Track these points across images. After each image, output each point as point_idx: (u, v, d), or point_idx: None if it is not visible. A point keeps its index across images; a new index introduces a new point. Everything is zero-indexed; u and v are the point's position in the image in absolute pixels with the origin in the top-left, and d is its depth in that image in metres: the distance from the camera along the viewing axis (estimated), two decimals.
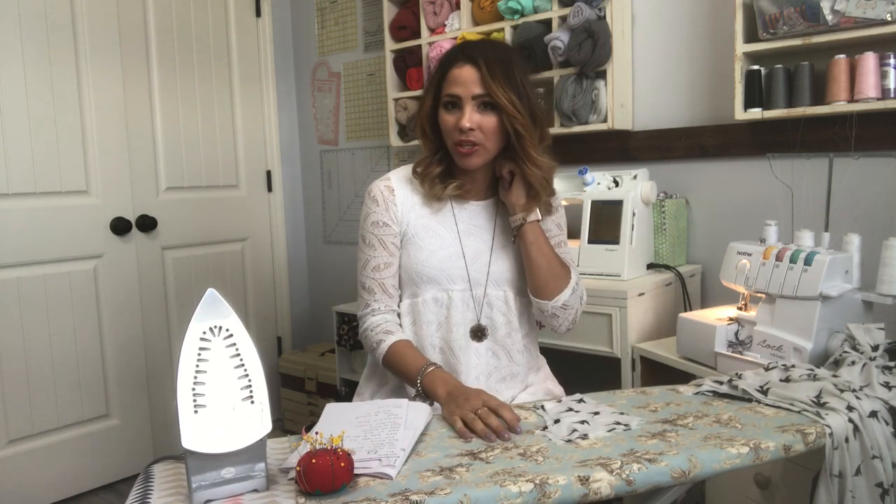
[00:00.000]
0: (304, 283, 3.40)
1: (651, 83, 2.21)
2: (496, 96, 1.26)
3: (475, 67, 1.27)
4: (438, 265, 1.35)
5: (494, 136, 1.30)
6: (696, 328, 1.61)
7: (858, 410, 1.10)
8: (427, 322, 1.37)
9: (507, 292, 1.39)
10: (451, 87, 1.29)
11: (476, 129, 1.27)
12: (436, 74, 1.34)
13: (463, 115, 1.27)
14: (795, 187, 1.79)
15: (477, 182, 1.40)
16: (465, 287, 1.37)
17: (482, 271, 1.38)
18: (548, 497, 0.89)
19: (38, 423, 2.42)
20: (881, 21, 1.60)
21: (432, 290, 1.36)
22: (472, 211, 1.41)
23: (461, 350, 1.36)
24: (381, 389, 1.44)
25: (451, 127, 1.29)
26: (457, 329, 1.36)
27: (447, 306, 1.36)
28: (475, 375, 1.36)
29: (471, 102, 1.27)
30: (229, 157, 3.01)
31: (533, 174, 1.32)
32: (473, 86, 1.27)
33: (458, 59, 1.30)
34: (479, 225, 1.40)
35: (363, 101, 3.05)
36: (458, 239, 1.38)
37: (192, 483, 0.89)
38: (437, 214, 1.39)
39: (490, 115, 1.28)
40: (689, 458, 0.96)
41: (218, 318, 0.92)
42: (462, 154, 1.30)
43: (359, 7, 3.02)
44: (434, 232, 1.38)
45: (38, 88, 2.37)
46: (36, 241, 2.39)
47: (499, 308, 1.38)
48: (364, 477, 0.93)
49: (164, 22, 2.73)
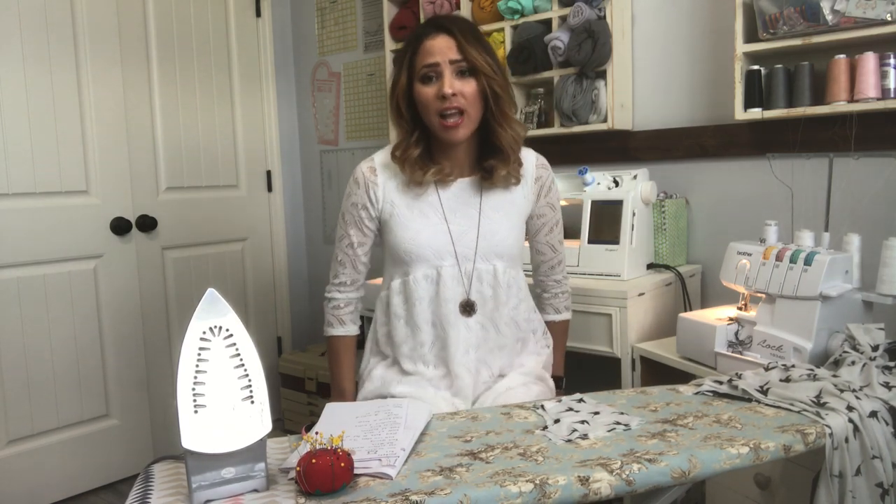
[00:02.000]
0: (304, 283, 3.40)
1: (651, 83, 2.21)
2: (473, 59, 1.29)
3: (449, 35, 1.31)
4: (425, 242, 1.38)
5: (475, 101, 1.32)
6: (696, 328, 1.61)
7: (858, 410, 1.10)
8: (419, 299, 1.39)
9: (496, 266, 1.41)
10: (427, 58, 1.31)
11: (458, 94, 1.29)
12: (406, 51, 1.36)
13: (444, 83, 1.29)
14: (795, 187, 1.79)
15: (459, 161, 1.41)
16: (453, 262, 1.39)
17: (470, 246, 1.40)
18: (548, 497, 0.89)
19: (38, 423, 2.42)
20: (881, 21, 1.60)
21: (422, 267, 1.39)
22: (456, 189, 1.42)
23: (451, 325, 1.38)
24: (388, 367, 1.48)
25: (432, 98, 1.31)
26: (446, 304, 1.38)
27: (436, 282, 1.39)
28: (464, 349, 1.39)
29: (449, 68, 1.30)
30: (229, 157, 3.01)
31: (505, 136, 1.36)
32: (450, 52, 1.30)
33: (429, 31, 1.33)
34: (465, 201, 1.42)
35: (363, 101, 3.05)
36: (443, 217, 1.40)
37: (192, 483, 0.89)
38: (422, 194, 1.41)
39: (469, 80, 1.31)
40: (689, 458, 0.96)
41: (218, 317, 0.92)
42: (447, 127, 1.31)
43: (359, 7, 3.02)
44: (419, 211, 1.40)
45: (38, 88, 2.37)
46: (36, 241, 2.39)
47: (488, 282, 1.40)
48: (364, 477, 0.93)
49: (164, 22, 2.73)
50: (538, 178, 1.48)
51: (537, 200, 1.48)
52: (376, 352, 1.52)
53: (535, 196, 1.48)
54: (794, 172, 1.82)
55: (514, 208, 1.45)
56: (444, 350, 1.39)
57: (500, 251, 1.41)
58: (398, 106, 1.38)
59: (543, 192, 1.49)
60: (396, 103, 1.38)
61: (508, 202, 1.44)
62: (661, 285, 1.97)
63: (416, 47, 1.33)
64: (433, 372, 1.40)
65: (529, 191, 1.47)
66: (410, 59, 1.34)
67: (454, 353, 1.38)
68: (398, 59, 1.39)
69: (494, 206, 1.42)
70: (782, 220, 1.67)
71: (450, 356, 1.38)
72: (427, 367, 1.41)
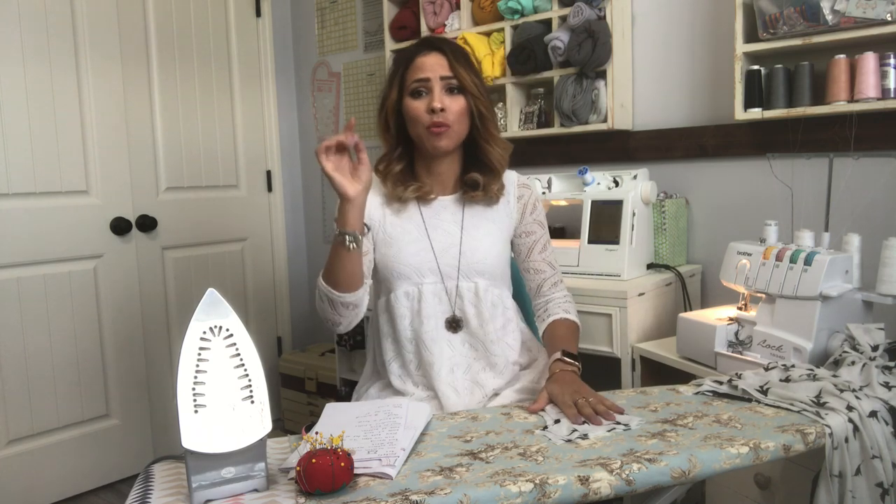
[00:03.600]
0: (304, 283, 3.40)
1: (651, 83, 2.21)
2: (462, 78, 1.34)
3: (441, 53, 1.35)
4: (407, 260, 1.38)
5: (462, 118, 1.35)
6: (696, 328, 1.61)
7: (858, 410, 1.10)
8: (400, 316, 1.39)
9: (477, 284, 1.40)
10: (419, 73, 1.34)
11: (446, 110, 1.32)
12: (398, 67, 1.39)
13: (433, 97, 1.32)
14: (795, 187, 1.79)
15: (443, 178, 1.43)
16: (435, 280, 1.39)
17: (452, 264, 1.40)
18: (548, 497, 0.89)
19: (38, 423, 2.42)
20: (881, 21, 1.60)
21: (403, 285, 1.39)
22: (438, 206, 1.43)
23: (433, 342, 1.38)
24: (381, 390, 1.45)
25: (422, 112, 1.33)
26: (428, 321, 1.38)
27: (418, 300, 1.38)
28: (449, 367, 1.38)
29: (439, 84, 1.33)
30: (229, 157, 3.01)
31: (493, 152, 1.40)
32: (441, 69, 1.34)
33: (422, 48, 1.37)
34: (446, 219, 1.43)
35: (363, 101, 3.05)
36: (425, 233, 1.40)
37: (192, 483, 0.89)
38: (403, 210, 1.42)
39: (457, 98, 1.34)
40: (688, 458, 0.96)
41: (218, 317, 0.92)
42: (434, 134, 1.33)
43: (359, 7, 3.03)
44: (402, 228, 1.40)
45: (38, 88, 2.37)
46: (36, 241, 2.39)
47: (469, 299, 1.40)
48: (364, 477, 0.93)
49: (164, 22, 2.73)
50: (521, 197, 1.48)
51: (522, 218, 1.47)
52: (374, 372, 1.51)
53: (520, 214, 1.47)
54: (794, 172, 1.82)
55: (495, 225, 1.44)
56: (428, 368, 1.37)
57: (481, 268, 1.40)
58: (386, 120, 1.40)
59: (528, 209, 1.48)
60: (385, 117, 1.40)
61: (490, 219, 1.44)
62: (661, 285, 1.97)
63: (408, 63, 1.36)
64: (422, 393, 1.39)
65: (513, 209, 1.47)
66: (402, 74, 1.37)
67: (438, 372, 1.36)
68: (390, 76, 1.42)
69: (476, 222, 1.43)
70: (782, 220, 1.67)
71: (434, 375, 1.37)
72: (416, 388, 1.40)
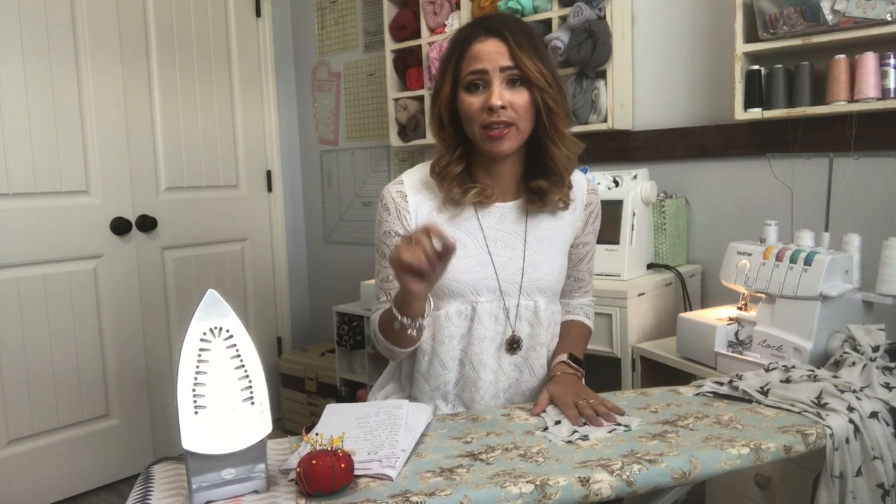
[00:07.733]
0: (304, 283, 3.40)
1: (651, 83, 2.21)
2: (526, 69, 1.14)
3: (500, 39, 1.15)
4: (462, 277, 1.23)
5: (526, 115, 1.17)
6: (696, 328, 1.61)
7: (859, 411, 1.10)
8: (449, 336, 1.25)
9: (536, 302, 1.27)
10: (475, 64, 1.15)
11: (507, 107, 1.14)
12: (451, 55, 1.20)
13: (492, 93, 1.14)
14: (795, 187, 1.79)
15: (503, 181, 1.26)
16: (492, 298, 1.25)
17: (513, 281, 1.26)
18: (548, 498, 0.89)
19: (38, 423, 2.42)
20: (881, 21, 1.60)
21: (455, 302, 1.25)
22: (498, 214, 1.27)
23: (481, 364, 1.25)
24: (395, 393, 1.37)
25: (478, 109, 1.16)
26: (479, 343, 1.25)
27: (470, 318, 1.25)
28: (494, 392, 1.27)
29: (499, 76, 1.14)
30: (229, 157, 3.01)
31: (560, 155, 1.21)
32: (500, 58, 1.14)
33: (478, 33, 1.17)
34: (508, 229, 1.27)
35: (363, 101, 3.05)
36: (485, 246, 1.25)
37: (193, 484, 0.89)
38: (458, 219, 1.25)
39: (520, 91, 1.16)
40: (689, 458, 0.96)
41: (218, 318, 0.92)
42: (492, 138, 1.16)
43: (359, 7, 3.02)
44: (456, 240, 1.14)
45: (38, 88, 2.37)
46: (36, 241, 2.39)
47: (527, 319, 1.27)
48: (364, 478, 0.93)
49: (164, 22, 2.73)
50: (588, 204, 1.34)
51: (584, 227, 1.34)
52: (394, 380, 1.38)
53: (584, 223, 1.34)
54: (794, 172, 1.82)
55: (559, 237, 1.30)
56: (471, 391, 1.26)
57: (542, 286, 1.27)
58: (440, 116, 1.22)
59: (591, 218, 1.35)
60: (438, 114, 1.22)
61: (555, 231, 1.30)
62: (661, 285, 1.97)
63: (462, 51, 1.18)
64: (450, 410, 1.28)
65: (578, 217, 1.33)
66: (456, 64, 1.19)
67: (483, 396, 1.26)
68: (442, 64, 1.22)
69: (539, 234, 1.28)
70: (782, 220, 1.67)
71: (476, 398, 1.26)
72: (446, 405, 1.29)
